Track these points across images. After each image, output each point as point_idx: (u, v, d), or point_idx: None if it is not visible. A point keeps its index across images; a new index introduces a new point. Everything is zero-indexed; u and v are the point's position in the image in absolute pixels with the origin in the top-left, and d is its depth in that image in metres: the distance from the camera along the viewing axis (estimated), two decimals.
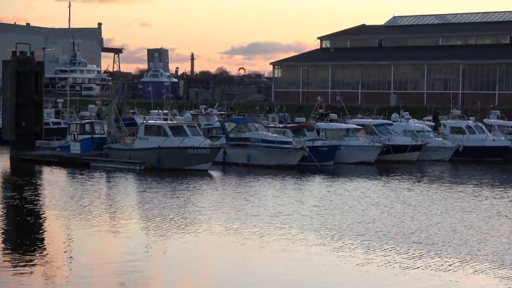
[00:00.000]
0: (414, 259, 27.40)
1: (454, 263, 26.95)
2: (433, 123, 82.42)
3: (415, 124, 78.11)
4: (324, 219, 36.44)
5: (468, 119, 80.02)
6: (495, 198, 45.66)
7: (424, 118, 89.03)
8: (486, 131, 76.34)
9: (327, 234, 31.98)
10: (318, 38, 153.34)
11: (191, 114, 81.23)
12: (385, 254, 28.27)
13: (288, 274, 25.50)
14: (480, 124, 78.11)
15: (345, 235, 32.05)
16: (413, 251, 28.92)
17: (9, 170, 59.48)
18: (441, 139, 74.40)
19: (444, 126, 78.71)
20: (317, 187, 49.99)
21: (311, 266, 26.70)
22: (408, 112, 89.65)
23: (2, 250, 29.73)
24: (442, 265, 26.50)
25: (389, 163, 65.62)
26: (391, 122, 77.16)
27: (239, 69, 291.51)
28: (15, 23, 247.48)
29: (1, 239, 32.62)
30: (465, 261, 27.25)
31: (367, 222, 35.59)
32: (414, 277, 24.76)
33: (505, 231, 33.62)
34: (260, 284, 23.79)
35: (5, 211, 39.24)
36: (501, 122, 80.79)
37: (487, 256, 28.06)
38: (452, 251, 29.03)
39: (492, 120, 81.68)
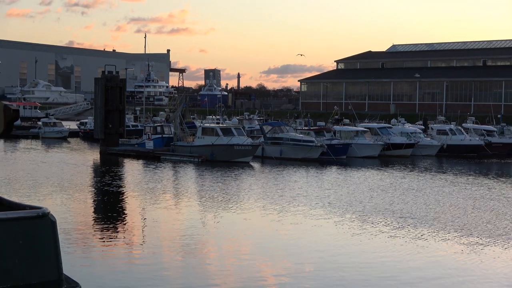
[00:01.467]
0: (398, 230, 27.39)
1: (429, 232, 26.96)
2: (423, 127, 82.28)
3: (409, 127, 77.97)
4: (333, 199, 36.44)
5: (450, 124, 79.95)
6: (468, 184, 45.40)
7: (416, 123, 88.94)
8: (464, 133, 76.08)
9: (333, 211, 32.01)
10: (335, 61, 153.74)
11: (237, 119, 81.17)
12: (375, 225, 28.31)
13: (302, 239, 25.71)
14: (459, 127, 77.86)
15: (347, 211, 32.03)
16: (397, 223, 28.91)
17: (99, 161, 59.91)
18: (429, 139, 74.17)
19: (432, 129, 78.39)
20: (332, 175, 49.86)
21: (317, 234, 27.02)
22: (404, 118, 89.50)
23: (93, 220, 30.24)
24: (418, 234, 26.49)
25: (389, 157, 65.45)
26: (390, 125, 76.89)
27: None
28: (104, 49, 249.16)
29: (93, 212, 33.12)
30: (438, 231, 27.23)
31: (366, 201, 35.52)
32: (396, 243, 24.74)
33: (473, 209, 33.48)
34: (284, 246, 23.95)
35: (95, 192, 39.71)
36: (476, 126, 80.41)
37: (456, 228, 27.96)
38: (428, 224, 28.94)
39: (468, 125, 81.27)
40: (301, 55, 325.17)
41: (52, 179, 43.39)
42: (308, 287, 18.83)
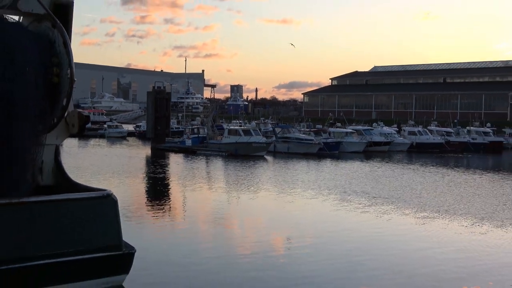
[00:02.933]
0: (370, 207, 27.32)
1: (394, 209, 26.94)
2: (397, 129, 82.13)
3: (386, 129, 77.92)
4: (327, 182, 36.46)
5: (418, 127, 79.90)
6: (430, 172, 45.41)
7: (392, 126, 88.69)
8: (429, 133, 76.05)
9: (324, 192, 32.04)
10: (330, 78, 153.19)
11: (255, 123, 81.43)
12: (354, 203, 28.27)
13: (301, 215, 25.81)
14: (425, 129, 77.87)
15: (333, 192, 32.07)
16: (371, 202, 28.84)
17: (150, 154, 60.18)
18: (402, 138, 74.15)
19: (404, 130, 78.43)
20: (327, 165, 49.97)
21: (308, 210, 27.09)
22: (382, 122, 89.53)
23: (145, 198, 30.49)
24: (386, 211, 26.36)
25: (371, 152, 65.51)
26: (372, 128, 77.08)
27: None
28: (154, 69, 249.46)
29: (145, 192, 33.36)
30: (401, 208, 27.18)
31: (349, 185, 35.52)
32: (367, 218, 24.65)
33: (433, 191, 33.55)
34: (291, 220, 24.06)
35: (147, 177, 39.95)
36: (438, 128, 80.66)
37: (416, 205, 27.94)
38: (394, 201, 28.91)
39: (432, 127, 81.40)
40: (292, 44, 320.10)
41: (113, 168, 43.74)
42: (307, 244, 18.93)
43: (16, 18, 13.93)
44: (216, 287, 14.85)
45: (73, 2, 14.53)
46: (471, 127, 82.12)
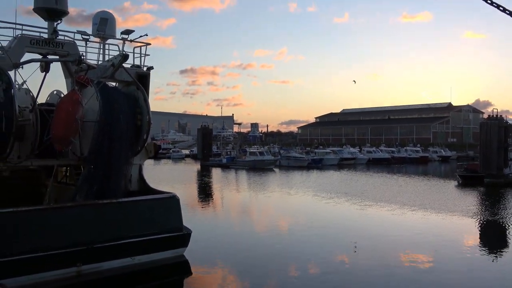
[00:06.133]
0: (341, 200, 27.03)
1: (356, 202, 26.42)
2: (359, 149, 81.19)
3: (352, 149, 77.07)
4: (314, 185, 35.99)
5: (372, 147, 79.08)
6: (381, 177, 44.81)
7: (355, 147, 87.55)
8: (379, 151, 75.29)
9: (313, 192, 31.58)
10: (315, 117, 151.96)
11: (267, 147, 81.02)
12: (334, 198, 27.90)
13: (303, 208, 25.50)
14: (377, 149, 77.06)
15: (318, 192, 31.47)
16: (340, 197, 28.35)
17: (200, 169, 59.98)
18: (362, 155, 73.39)
19: (363, 150, 77.67)
20: (313, 174, 49.52)
21: (302, 204, 26.80)
22: (349, 145, 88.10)
23: (197, 197, 30.11)
24: (354, 202, 25.99)
25: (342, 165, 64.79)
26: (342, 149, 76.22)
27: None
28: (201, 114, 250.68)
29: (197, 193, 32.58)
30: (359, 202, 26.80)
31: (326, 185, 35.02)
32: (338, 209, 24.51)
33: (383, 190, 33.15)
34: (298, 211, 23.84)
35: (198, 183, 39.67)
36: (385, 148, 79.54)
37: (371, 198, 27.60)
38: (355, 197, 28.50)
39: (381, 148, 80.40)
40: (354, 81, 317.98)
41: (176, 177, 43.60)
42: (305, 228, 18.78)
43: (113, 84, 14.23)
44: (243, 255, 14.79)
45: (149, 73, 14.79)
46: (407, 147, 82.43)
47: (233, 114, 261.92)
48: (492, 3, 6.66)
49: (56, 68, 14.01)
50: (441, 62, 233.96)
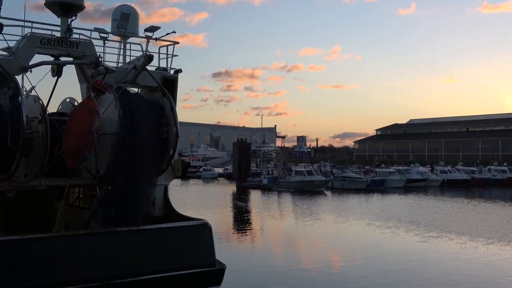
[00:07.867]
0: (412, 230, 26.38)
1: (426, 231, 25.76)
2: (431, 168, 78.88)
3: (421, 169, 74.84)
4: (374, 211, 35.47)
5: (448, 166, 76.81)
6: (457, 202, 43.42)
7: (426, 166, 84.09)
8: (456, 171, 73.16)
9: (375, 218, 30.98)
10: (375, 129, 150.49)
11: (316, 165, 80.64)
12: (395, 226, 27.35)
13: (356, 234, 25.03)
14: (454, 168, 74.91)
15: (384, 219, 30.83)
16: (411, 226, 27.71)
17: (235, 191, 60.31)
18: (434, 176, 71.24)
19: (436, 169, 75.50)
20: (373, 198, 48.63)
21: (366, 232, 26.29)
22: (418, 164, 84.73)
23: (233, 224, 30.27)
24: (424, 232, 25.44)
25: (410, 187, 62.46)
26: (410, 168, 74.41)
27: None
28: (238, 125, 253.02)
29: (232, 219, 33.10)
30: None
31: (395, 213, 34.21)
32: (410, 237, 23.83)
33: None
34: (354, 244, 23.39)
35: (234, 208, 39.92)
36: (463, 168, 77.11)
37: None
38: (433, 227, 27.83)
39: (458, 167, 77.92)
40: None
41: (208, 201, 44.01)
42: (358, 265, 18.34)
43: (135, 89, 14.36)
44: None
45: (177, 76, 14.84)
46: (491, 166, 79.48)
47: (275, 126, 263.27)
48: None
49: (70, 71, 14.34)
50: None
